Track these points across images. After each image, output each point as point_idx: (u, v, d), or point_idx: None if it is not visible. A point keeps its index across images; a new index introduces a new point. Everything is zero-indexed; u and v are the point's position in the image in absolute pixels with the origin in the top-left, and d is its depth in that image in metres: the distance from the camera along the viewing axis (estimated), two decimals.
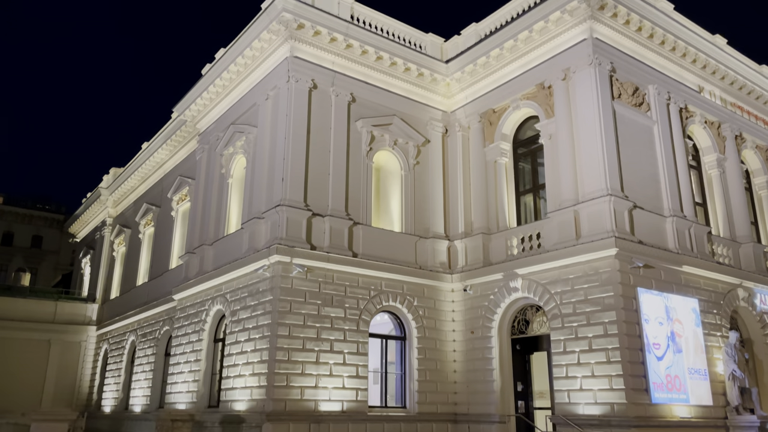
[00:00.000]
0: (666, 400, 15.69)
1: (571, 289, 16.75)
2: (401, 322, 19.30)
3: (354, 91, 19.72)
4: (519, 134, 20.60)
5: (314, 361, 16.60)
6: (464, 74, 21.08)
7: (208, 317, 20.20)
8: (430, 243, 20.11)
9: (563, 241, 17.13)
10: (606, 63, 17.82)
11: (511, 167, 20.52)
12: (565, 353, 16.48)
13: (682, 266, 17.54)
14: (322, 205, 18.15)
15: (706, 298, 18.00)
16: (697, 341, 17.15)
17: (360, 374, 17.29)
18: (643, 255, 16.50)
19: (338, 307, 17.48)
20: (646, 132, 18.58)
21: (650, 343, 15.92)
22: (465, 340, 19.48)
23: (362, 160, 19.49)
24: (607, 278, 15.99)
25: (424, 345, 19.04)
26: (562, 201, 17.57)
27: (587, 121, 17.38)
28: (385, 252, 18.86)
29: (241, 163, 20.97)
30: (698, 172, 20.83)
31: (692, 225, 18.35)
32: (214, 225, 21.35)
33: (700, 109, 20.60)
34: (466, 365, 19.17)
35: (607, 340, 15.61)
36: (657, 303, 16.52)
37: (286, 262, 16.83)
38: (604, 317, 15.82)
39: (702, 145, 20.99)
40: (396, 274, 18.86)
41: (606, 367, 15.47)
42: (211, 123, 23.29)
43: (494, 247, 19.44)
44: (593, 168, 16.97)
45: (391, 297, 18.74)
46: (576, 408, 15.83)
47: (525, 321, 18.76)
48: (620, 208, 16.58)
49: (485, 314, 19.00)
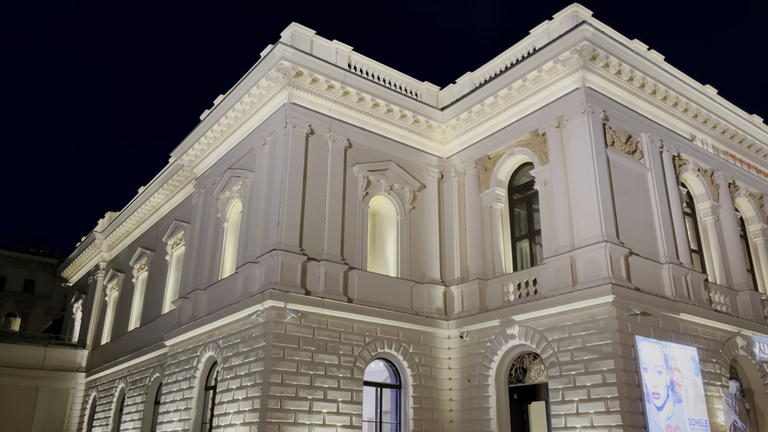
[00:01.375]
0: None
1: (569, 336, 16.54)
2: (396, 369, 18.94)
3: (350, 137, 19.94)
4: (514, 180, 20.74)
5: (307, 410, 16.19)
6: (459, 121, 21.38)
7: (199, 364, 19.80)
8: (426, 288, 19.95)
9: (560, 288, 17.01)
10: (599, 111, 18.12)
11: (507, 213, 20.57)
12: (564, 403, 16.13)
13: (680, 314, 17.38)
14: (318, 250, 18.07)
15: (704, 347, 17.77)
16: (697, 391, 16.84)
17: (354, 424, 16.84)
18: (640, 302, 16.36)
19: (332, 353, 17.17)
20: (640, 179, 18.73)
21: (650, 393, 15.62)
22: (461, 388, 19.09)
23: (358, 205, 19.53)
24: (605, 325, 15.81)
25: (419, 393, 18.64)
26: (557, 247, 17.54)
27: (581, 167, 17.53)
28: (380, 297, 18.68)
29: (237, 208, 20.99)
30: (693, 219, 20.92)
31: (689, 272, 18.29)
32: (209, 269, 21.19)
33: (692, 157, 20.85)
34: (463, 415, 18.72)
35: (606, 389, 15.31)
36: (655, 351, 16.29)
37: (280, 307, 16.62)
38: (602, 365, 15.56)
39: (696, 193, 21.14)
40: (391, 320, 18.62)
41: (605, 418, 15.11)
42: (208, 167, 23.42)
43: (490, 293, 19.29)
44: (588, 214, 17.02)
45: (387, 344, 18.45)
46: None
47: (522, 369, 18.43)
48: (616, 254, 16.55)
49: (482, 362, 18.68)
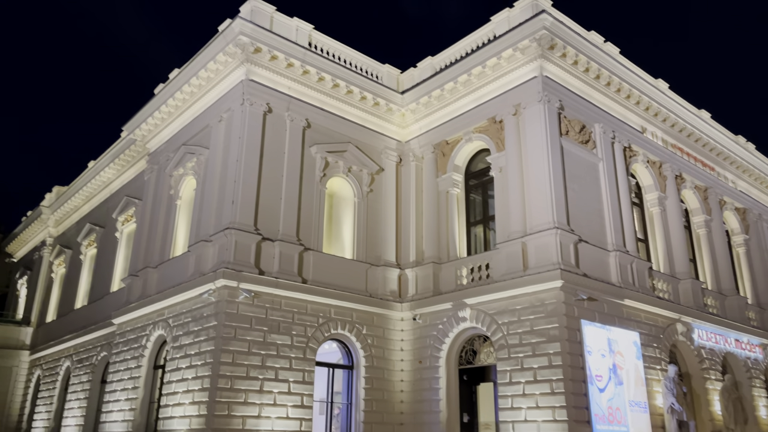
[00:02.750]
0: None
1: (518, 319, 16.93)
2: (349, 350, 19.04)
3: (309, 117, 19.74)
4: (471, 166, 20.97)
5: (258, 389, 16.13)
6: (419, 105, 21.41)
7: (148, 343, 19.45)
8: (381, 271, 20.05)
9: (511, 272, 17.36)
10: (555, 100, 18.43)
11: (463, 198, 20.82)
12: (511, 384, 16.54)
13: (624, 300, 18.00)
14: (273, 230, 17.91)
15: (646, 332, 18.48)
16: (637, 374, 17.51)
17: (305, 404, 16.88)
18: (587, 288, 16.86)
19: (285, 334, 17.12)
20: (592, 168, 19.20)
21: (593, 375, 16.16)
22: (413, 369, 19.35)
23: (315, 186, 19.41)
24: (553, 310, 16.24)
25: (371, 374, 18.80)
26: (510, 233, 17.87)
27: (536, 155, 17.85)
28: (335, 279, 18.68)
29: (190, 185, 20.57)
30: (640, 209, 21.59)
31: (634, 260, 18.92)
32: (160, 247, 20.76)
33: (642, 149, 21.47)
34: (413, 395, 19.00)
35: (552, 371, 15.76)
36: (600, 335, 16.85)
37: (233, 287, 16.43)
38: (549, 348, 16.00)
39: (644, 184, 21.81)
40: (346, 301, 18.67)
41: (550, 399, 15.58)
42: (161, 143, 22.84)
43: (444, 276, 19.54)
44: (541, 201, 17.37)
45: (340, 325, 18.51)
46: None
47: (473, 351, 18.80)
48: (566, 241, 16.97)
49: (433, 344, 18.96)
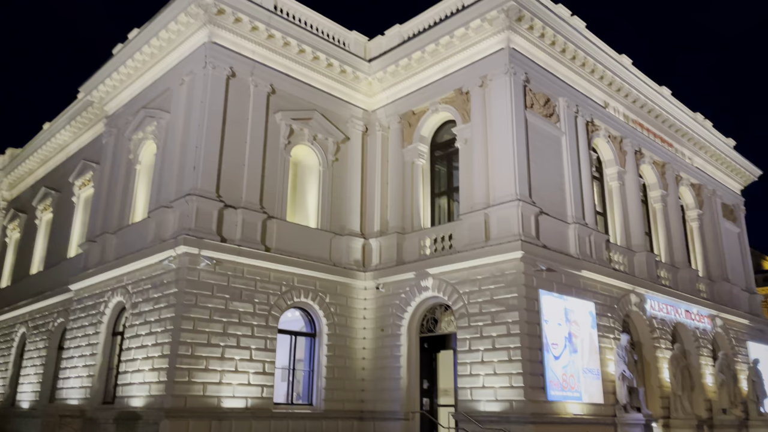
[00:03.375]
0: (561, 397, 16.45)
1: (479, 289, 17.24)
2: (312, 318, 19.13)
3: (274, 83, 19.37)
4: (437, 137, 20.99)
5: (219, 356, 16.11)
6: (386, 74, 21.22)
7: (107, 309, 19.15)
8: (346, 240, 20.07)
9: (473, 243, 17.60)
10: (521, 73, 18.50)
11: (428, 169, 20.89)
12: (470, 352, 16.92)
13: (582, 271, 18.48)
14: (236, 197, 17.68)
15: (602, 302, 19.06)
16: (591, 342, 18.11)
17: (267, 371, 16.96)
18: (546, 259, 17.24)
19: (247, 301, 17.07)
20: (555, 142, 19.45)
21: (549, 343, 16.65)
22: (375, 338, 19.59)
23: (279, 154, 19.17)
24: (512, 280, 16.57)
25: (334, 342, 18.96)
26: (473, 204, 18.05)
27: (501, 128, 17.96)
28: (299, 247, 18.63)
29: (150, 150, 20.07)
30: (600, 182, 22.04)
31: (592, 233, 19.38)
32: (119, 213, 20.30)
33: (604, 124, 21.82)
34: (375, 363, 19.28)
35: (510, 339, 16.17)
36: (557, 305, 17.31)
37: (194, 254, 16.24)
38: (507, 317, 16.38)
39: (605, 158, 22.23)
40: (309, 270, 18.67)
41: (507, 366, 16.02)
42: (120, 106, 22.14)
43: (408, 246, 19.69)
44: (504, 173, 17.56)
45: (303, 293, 18.54)
46: (477, 405, 16.28)
47: (434, 320, 19.11)
48: (527, 213, 17.25)
49: (396, 312, 19.20)
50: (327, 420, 18.00)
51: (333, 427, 18.07)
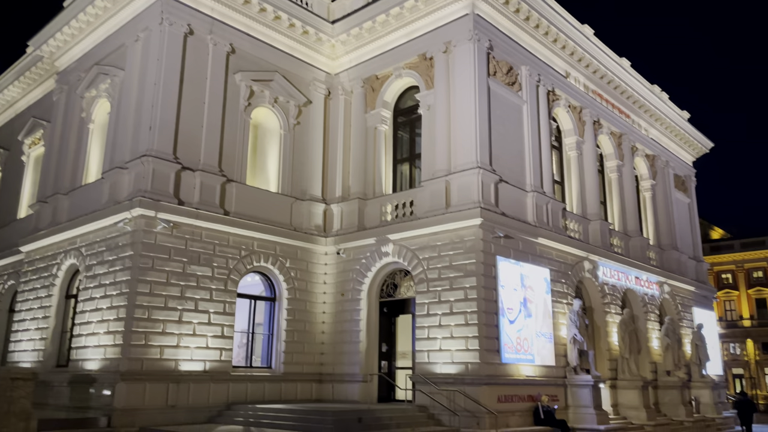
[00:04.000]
0: (515, 360, 16.99)
1: (438, 255, 17.48)
2: (272, 283, 19.10)
3: (234, 42, 18.84)
4: (400, 103, 20.88)
5: (177, 320, 15.99)
6: (350, 37, 20.87)
7: (59, 272, 18.69)
8: (307, 205, 19.97)
9: (434, 210, 17.75)
10: (485, 40, 18.46)
11: (391, 135, 20.82)
12: (428, 316, 17.24)
13: (538, 238, 18.90)
14: (194, 159, 17.31)
15: (556, 269, 19.58)
16: (545, 307, 18.66)
17: (225, 334, 16.94)
18: (504, 226, 17.55)
19: (206, 265, 16.90)
20: (516, 110, 19.60)
21: (504, 308, 17.08)
22: (335, 302, 19.73)
23: (239, 116, 18.78)
24: (471, 246, 16.85)
25: (293, 306, 19.02)
26: (435, 171, 18.15)
27: (463, 95, 17.98)
28: (259, 212, 18.46)
29: (104, 108, 19.38)
30: (559, 152, 22.41)
31: (550, 201, 19.77)
32: (71, 173, 19.65)
33: (565, 94, 22.06)
34: (335, 327, 19.46)
35: (467, 303, 16.53)
36: (513, 271, 17.71)
37: (150, 217, 15.91)
38: (465, 282, 16.70)
39: (564, 128, 22.56)
40: (269, 234, 18.56)
41: (464, 329, 16.41)
42: (72, 61, 21.20)
43: (369, 212, 19.73)
44: (466, 141, 17.65)
45: (263, 258, 18.45)
46: (434, 367, 16.68)
47: (393, 285, 19.34)
48: (487, 180, 17.45)
49: (356, 277, 19.33)
50: (286, 383, 18.18)
51: (292, 390, 18.27)
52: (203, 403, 15.96)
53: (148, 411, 14.83)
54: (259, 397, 17.26)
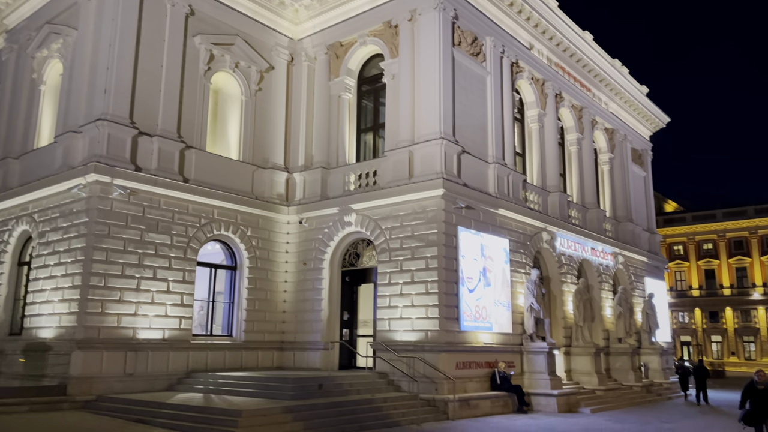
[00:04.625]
0: (473, 327, 17.38)
1: (401, 225, 17.59)
2: (233, 251, 18.94)
3: (193, 4, 18.23)
4: (364, 71, 20.67)
5: (135, 288, 15.76)
6: (314, 2, 20.43)
7: (11, 238, 18.12)
8: (269, 174, 19.75)
9: (397, 180, 17.79)
10: (450, 9, 18.33)
11: (355, 104, 20.65)
12: (390, 285, 17.43)
13: (499, 209, 19.19)
14: (151, 124, 16.86)
15: (515, 239, 19.96)
16: (504, 277, 19.06)
17: (185, 302, 16.79)
18: (466, 197, 17.74)
19: (164, 233, 16.63)
20: (480, 81, 19.64)
21: (464, 277, 17.38)
22: (297, 271, 19.73)
23: (199, 80, 18.31)
24: (433, 216, 17.00)
25: (255, 275, 18.95)
26: (399, 141, 18.13)
27: (428, 64, 17.90)
28: (219, 179, 18.18)
29: (56, 69, 18.61)
30: (521, 124, 22.63)
31: (511, 173, 20.03)
32: (22, 136, 18.92)
33: (528, 66, 22.18)
34: (296, 296, 19.50)
35: (428, 273, 16.75)
36: (474, 241, 17.98)
37: (106, 183, 15.49)
38: (427, 252, 16.89)
39: (527, 100, 22.75)
40: (230, 202, 18.33)
41: (425, 298, 16.66)
42: (21, 19, 20.19)
43: (332, 181, 19.65)
44: (429, 111, 17.65)
45: (224, 226, 18.24)
46: (395, 335, 16.94)
47: (356, 254, 19.42)
48: (450, 151, 17.54)
49: (318, 247, 19.33)
50: (247, 351, 18.21)
51: (253, 358, 18.33)
52: (162, 371, 15.88)
53: (105, 379, 14.69)
54: (219, 365, 17.26)
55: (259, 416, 11.54)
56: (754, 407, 11.00)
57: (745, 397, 11.24)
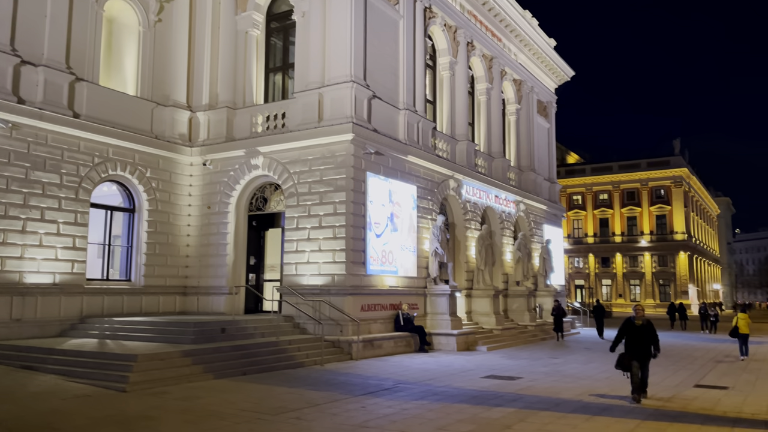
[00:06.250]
0: (379, 271, 17.72)
1: (309, 169, 17.37)
2: (131, 193, 18.01)
3: None
4: (273, 7, 19.80)
5: (20, 230, 14.68)
6: None
7: None
8: (170, 112, 18.74)
9: (306, 123, 17.43)
10: None
11: (263, 41, 19.83)
12: (298, 230, 17.32)
13: (408, 156, 19.35)
14: (36, 53, 15.39)
15: (423, 186, 20.31)
16: (411, 222, 19.44)
17: (78, 246, 15.89)
18: (375, 142, 17.71)
19: (53, 172, 15.48)
20: (393, 25, 19.36)
21: (372, 222, 17.56)
22: (201, 215, 19.14)
23: (90, 7, 16.80)
24: (342, 161, 16.89)
25: (155, 218, 18.19)
26: (308, 82, 17.67)
27: (340, 3, 17.37)
28: (115, 116, 17.04)
29: None
30: (433, 71, 22.68)
31: (421, 120, 20.16)
32: None
33: (442, 12, 22.08)
34: (200, 240, 18.98)
35: (336, 218, 16.76)
36: (382, 187, 18.11)
37: None
38: (335, 197, 16.84)
39: (439, 47, 22.75)
40: (127, 141, 17.28)
41: (332, 243, 16.71)
42: None
43: (239, 122, 18.97)
44: (340, 53, 17.25)
45: (120, 166, 17.24)
46: (301, 279, 16.98)
47: (263, 198, 19.06)
48: (361, 96, 17.33)
49: (224, 190, 18.78)
50: (147, 296, 17.64)
51: (153, 303, 17.80)
52: (54, 316, 15.10)
53: None
54: (117, 310, 16.64)
55: (156, 360, 11.30)
56: (630, 346, 10.13)
57: (620, 336, 10.42)
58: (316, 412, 8.68)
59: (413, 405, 9.40)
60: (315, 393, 10.30)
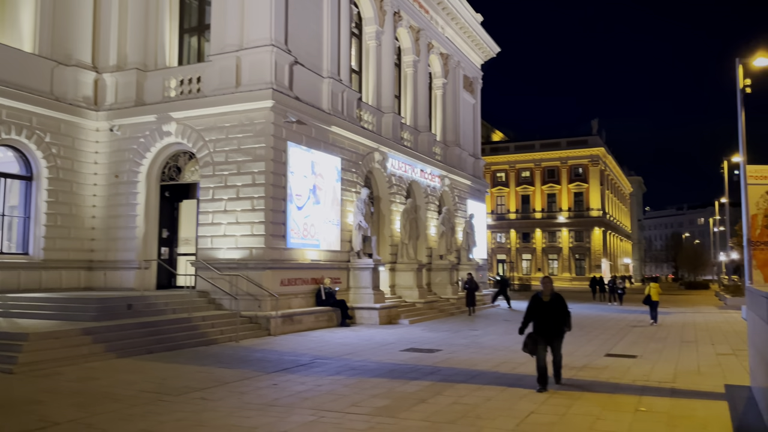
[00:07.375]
0: (300, 245, 17.20)
1: (226, 137, 16.50)
2: (28, 160, 16.52)
3: None
4: None
5: None
6: None
7: None
8: (72, 72, 17.26)
9: (223, 88, 16.50)
10: None
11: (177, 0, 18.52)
12: (213, 201, 16.48)
13: (332, 126, 18.79)
14: None
15: (348, 158, 19.84)
16: (335, 195, 18.97)
17: None
18: (297, 111, 17.03)
19: None
20: None
21: (293, 194, 16.95)
22: (108, 184, 17.88)
23: None
24: (261, 130, 16.13)
25: (56, 187, 16.80)
26: (225, 45, 16.69)
27: None
28: (8, 75, 15.48)
29: None
30: (359, 40, 22.08)
31: (346, 90, 19.58)
32: None
33: None
34: (108, 211, 17.75)
35: (254, 189, 16.04)
36: (304, 158, 17.50)
37: None
38: (254, 167, 16.10)
39: (365, 15, 22.14)
40: (21, 102, 15.78)
41: (250, 215, 16.00)
42: None
43: (150, 86, 17.74)
44: (260, 14, 16.35)
45: (14, 129, 15.73)
46: (217, 253, 16.21)
47: (177, 168, 18.01)
48: (282, 61, 16.55)
49: (133, 158, 17.59)
50: (47, 270, 16.34)
51: (55, 278, 16.52)
52: None
53: None
54: (12, 286, 15.30)
55: (50, 339, 10.37)
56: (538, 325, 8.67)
57: (529, 315, 8.81)
58: (224, 391, 8.19)
59: (328, 381, 9.07)
60: (225, 371, 9.77)
